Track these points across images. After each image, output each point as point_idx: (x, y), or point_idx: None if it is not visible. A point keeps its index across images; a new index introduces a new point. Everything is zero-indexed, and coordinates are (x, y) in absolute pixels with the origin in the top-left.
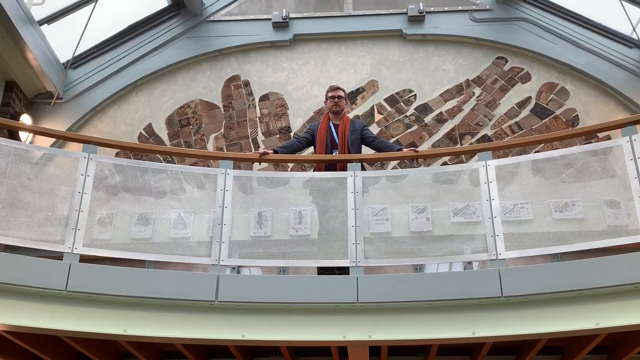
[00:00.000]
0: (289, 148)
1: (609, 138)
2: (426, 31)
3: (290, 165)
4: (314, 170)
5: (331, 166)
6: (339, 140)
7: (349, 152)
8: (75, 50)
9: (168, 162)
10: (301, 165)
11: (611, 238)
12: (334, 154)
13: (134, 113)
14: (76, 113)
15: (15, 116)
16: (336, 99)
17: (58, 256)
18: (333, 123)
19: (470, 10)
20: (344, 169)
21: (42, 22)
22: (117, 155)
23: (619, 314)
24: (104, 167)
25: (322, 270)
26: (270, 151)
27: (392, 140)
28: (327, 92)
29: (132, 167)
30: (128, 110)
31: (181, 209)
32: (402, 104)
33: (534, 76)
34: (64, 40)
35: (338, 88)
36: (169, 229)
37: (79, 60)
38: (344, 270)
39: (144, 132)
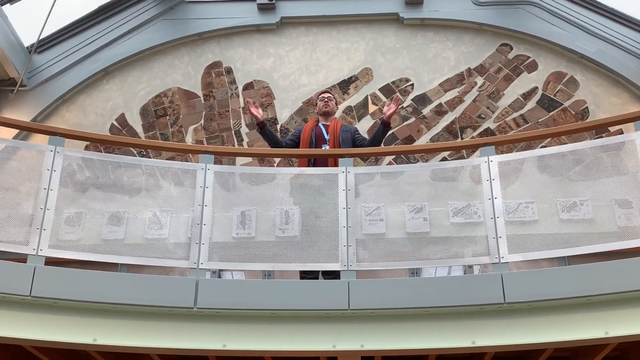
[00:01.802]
0: (275, 139)
1: (621, 132)
2: (425, 15)
3: (277, 160)
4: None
5: (317, 163)
6: (329, 136)
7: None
8: (41, 33)
9: (142, 156)
10: (288, 161)
11: (622, 240)
12: (324, 148)
13: (105, 102)
14: (41, 102)
15: None
16: (326, 99)
17: (21, 258)
18: (322, 124)
19: None
20: (336, 165)
21: (3, 2)
22: (86, 148)
23: (630, 322)
24: (72, 161)
25: (305, 274)
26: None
27: (387, 134)
28: (318, 95)
29: (103, 161)
30: (99, 99)
31: (157, 208)
32: (398, 94)
33: (540, 65)
34: (28, 21)
35: (327, 91)
36: (143, 229)
37: (44, 44)
38: (333, 275)
39: (116, 123)
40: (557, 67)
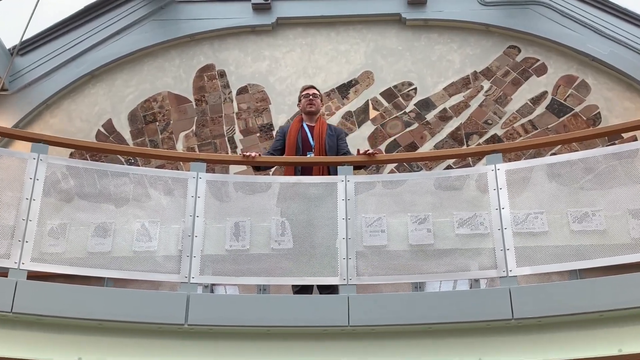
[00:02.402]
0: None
1: (635, 139)
2: (428, 15)
3: (272, 168)
4: (284, 173)
5: (304, 171)
6: (314, 141)
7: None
8: (24, 34)
9: (131, 164)
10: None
11: (637, 252)
12: (309, 156)
13: (92, 107)
14: (24, 107)
15: None
16: (310, 97)
17: (2, 272)
18: (307, 125)
19: None
20: (322, 173)
21: None
22: (71, 156)
23: None
24: (56, 169)
25: (299, 289)
26: (256, 154)
27: (389, 141)
28: (301, 92)
29: (88, 169)
30: (84, 104)
31: (146, 219)
32: (400, 98)
33: (550, 68)
34: (10, 22)
35: (312, 87)
36: (131, 241)
37: (27, 46)
38: (330, 290)
39: (102, 130)
40: (567, 71)
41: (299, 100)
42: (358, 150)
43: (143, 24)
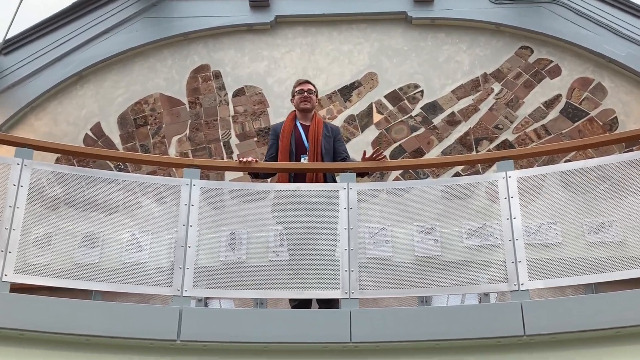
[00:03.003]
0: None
1: None
2: (436, 14)
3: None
4: (277, 180)
5: (297, 177)
6: (309, 143)
7: (322, 160)
8: (7, 32)
9: (120, 170)
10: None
11: None
12: (303, 160)
13: (79, 110)
14: (7, 109)
15: None
16: (305, 93)
17: None
18: (301, 124)
19: None
20: (316, 180)
21: None
22: (57, 161)
23: None
24: (42, 175)
25: (296, 304)
26: (253, 160)
27: (394, 146)
28: (294, 86)
29: (75, 176)
30: (71, 106)
31: (136, 228)
32: (406, 101)
33: (564, 70)
34: None
35: (307, 82)
36: (120, 252)
37: (11, 45)
38: (329, 304)
39: (90, 134)
40: (582, 73)
41: (292, 96)
42: (364, 153)
43: (134, 22)
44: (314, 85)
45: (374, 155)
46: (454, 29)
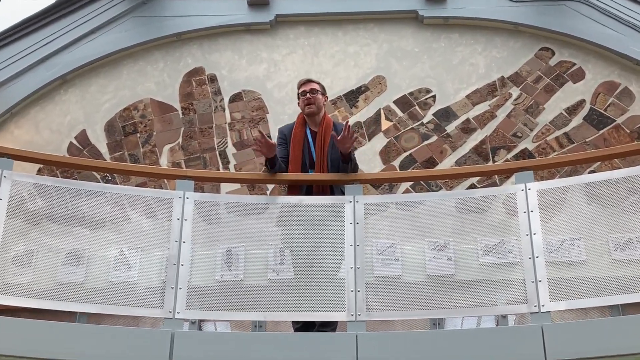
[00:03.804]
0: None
1: None
2: (449, 13)
3: (270, 187)
4: (287, 194)
5: (309, 191)
6: (315, 155)
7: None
8: None
9: (107, 181)
10: (284, 187)
11: None
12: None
13: (63, 116)
14: None
15: None
16: (308, 95)
17: None
18: (310, 130)
19: None
20: (323, 191)
21: None
22: (39, 172)
23: None
24: (22, 187)
25: (299, 326)
26: (272, 142)
27: (404, 156)
28: (298, 87)
29: (59, 188)
30: (55, 112)
31: (124, 244)
32: (417, 107)
33: (588, 73)
34: None
35: (309, 81)
36: (107, 270)
37: None
38: (332, 327)
39: (75, 142)
40: (608, 76)
41: (298, 98)
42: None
43: (122, 22)
44: (318, 84)
45: (346, 134)
46: (469, 29)
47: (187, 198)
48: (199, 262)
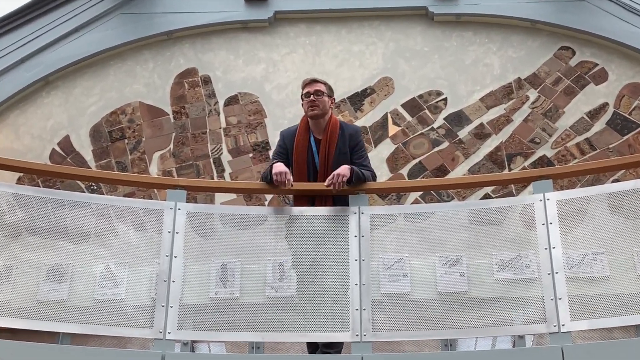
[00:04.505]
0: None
1: None
2: (461, 9)
3: (268, 197)
4: (293, 205)
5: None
6: (319, 163)
7: None
8: None
9: (93, 191)
10: (283, 197)
11: None
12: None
13: (45, 121)
14: None
15: None
16: (312, 97)
17: None
18: (314, 137)
19: None
20: (326, 202)
21: None
22: (19, 181)
23: None
24: (1, 198)
25: (314, 347)
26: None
27: (412, 163)
28: (302, 87)
29: (40, 198)
30: (36, 116)
31: (111, 259)
32: (427, 111)
33: (611, 74)
34: None
35: (314, 81)
36: (92, 287)
37: None
38: (336, 348)
39: (58, 149)
40: (632, 78)
41: (302, 99)
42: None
43: (109, 19)
44: (324, 84)
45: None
46: (483, 26)
47: (179, 209)
48: (192, 279)
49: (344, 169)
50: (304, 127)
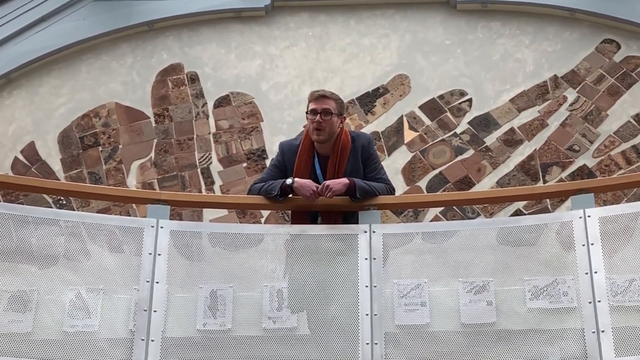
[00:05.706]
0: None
1: None
2: None
3: (265, 214)
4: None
5: (314, 219)
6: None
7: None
8: None
9: (61, 206)
10: (282, 213)
11: None
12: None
13: (6, 125)
14: None
15: None
16: (318, 117)
17: None
18: (318, 153)
19: None
20: (334, 220)
21: None
22: None
23: None
24: None
25: None
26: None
27: (432, 174)
28: (308, 100)
29: (1, 214)
30: None
31: (82, 285)
32: (448, 114)
33: None
34: None
35: (323, 96)
36: (61, 317)
37: None
38: None
39: (21, 157)
40: None
41: (307, 114)
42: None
43: (81, 7)
44: (335, 100)
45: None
46: (513, 16)
47: (162, 227)
48: (176, 308)
49: (336, 183)
50: (308, 145)
